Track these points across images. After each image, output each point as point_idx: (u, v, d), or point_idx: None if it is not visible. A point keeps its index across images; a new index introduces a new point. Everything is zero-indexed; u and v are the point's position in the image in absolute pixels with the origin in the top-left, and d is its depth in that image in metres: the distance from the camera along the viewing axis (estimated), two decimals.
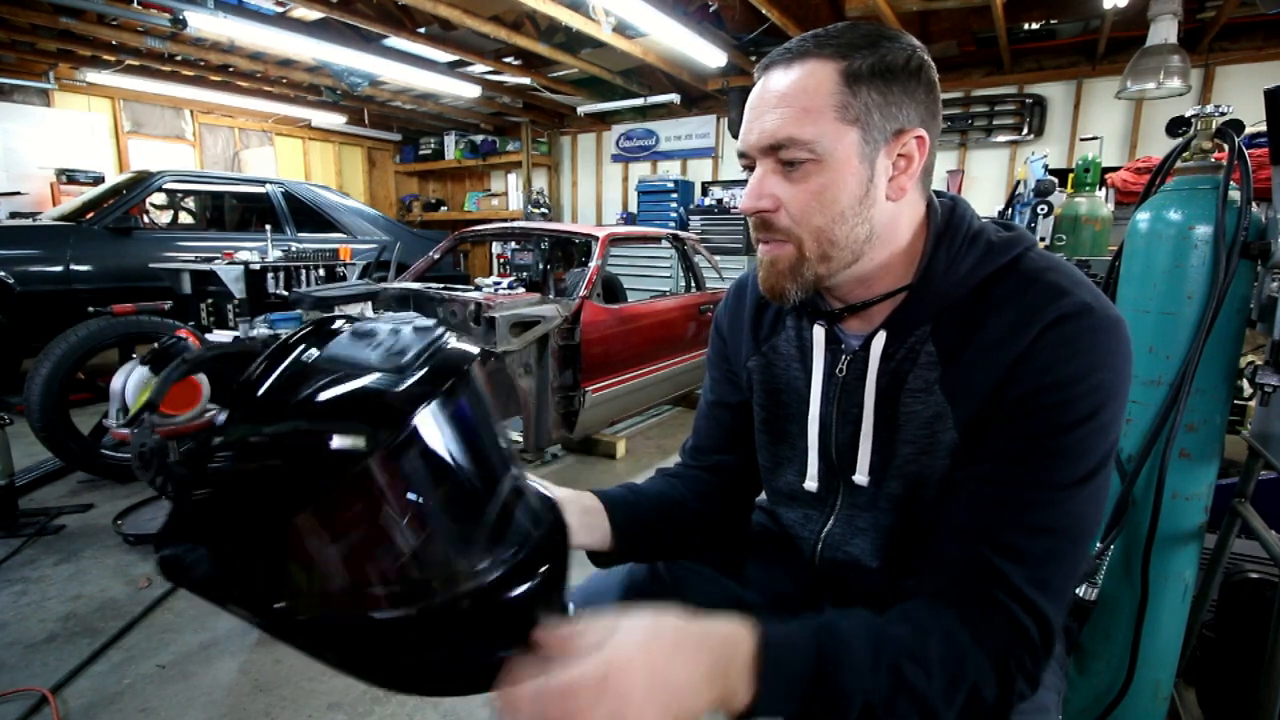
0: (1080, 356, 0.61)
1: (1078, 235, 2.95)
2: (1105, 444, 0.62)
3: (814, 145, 0.64)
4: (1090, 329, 0.61)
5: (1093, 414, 0.60)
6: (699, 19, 4.80)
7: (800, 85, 0.65)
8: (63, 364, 2.65)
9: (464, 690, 0.54)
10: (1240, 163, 1.04)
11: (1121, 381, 0.62)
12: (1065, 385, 0.60)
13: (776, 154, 0.66)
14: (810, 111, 0.64)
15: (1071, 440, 0.60)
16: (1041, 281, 0.65)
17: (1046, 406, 0.61)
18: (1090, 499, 0.62)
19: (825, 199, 0.66)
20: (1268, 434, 1.11)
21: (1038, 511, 0.61)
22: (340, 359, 0.51)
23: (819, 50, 0.65)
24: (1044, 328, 0.62)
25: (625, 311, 3.48)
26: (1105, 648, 1.19)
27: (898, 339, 0.72)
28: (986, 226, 0.72)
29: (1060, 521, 0.61)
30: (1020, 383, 0.62)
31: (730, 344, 0.93)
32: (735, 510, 0.97)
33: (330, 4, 4.44)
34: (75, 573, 2.12)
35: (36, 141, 6.01)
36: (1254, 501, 1.20)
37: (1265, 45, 4.75)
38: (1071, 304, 0.62)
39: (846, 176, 0.65)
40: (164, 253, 4.18)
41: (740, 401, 0.92)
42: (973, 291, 0.68)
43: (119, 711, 1.53)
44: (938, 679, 0.56)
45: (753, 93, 0.69)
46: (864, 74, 0.64)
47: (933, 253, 0.70)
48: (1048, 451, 0.61)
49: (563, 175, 8.78)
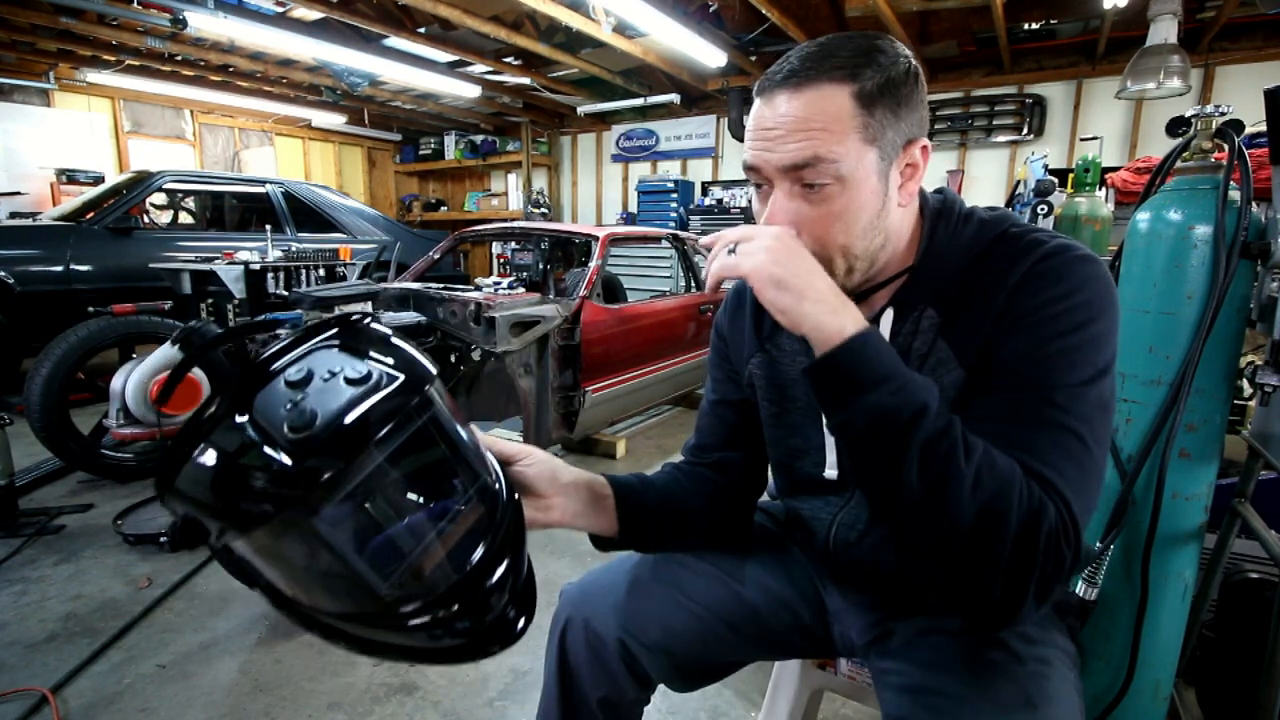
0: (1062, 281, 0.66)
1: (1078, 235, 2.95)
2: (1100, 357, 0.65)
3: (839, 167, 0.66)
4: (1068, 260, 0.67)
5: (1082, 324, 0.65)
6: (699, 19, 4.80)
7: (819, 108, 0.66)
8: (63, 364, 2.65)
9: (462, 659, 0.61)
10: (1240, 163, 1.04)
11: (1105, 303, 0.67)
12: (1052, 303, 0.66)
13: (799, 175, 0.67)
14: (834, 134, 0.65)
15: (1065, 346, 0.65)
16: (1025, 239, 0.71)
17: (1038, 323, 0.66)
18: (1094, 405, 0.64)
19: (848, 219, 0.68)
20: (1268, 434, 1.11)
21: (1044, 409, 0.64)
22: (261, 416, 0.49)
23: (829, 73, 0.66)
24: (1029, 265, 0.68)
25: (625, 311, 3.48)
26: (1105, 648, 1.19)
27: (903, 316, 0.76)
28: (976, 209, 0.78)
29: (1066, 420, 0.63)
30: (1012, 311, 0.68)
31: (731, 345, 0.95)
32: (737, 508, 0.98)
33: (330, 4, 4.44)
34: (75, 573, 2.12)
35: (36, 141, 6.01)
36: (1254, 501, 1.20)
37: (1265, 45, 4.75)
38: (1051, 246, 0.69)
39: (867, 195, 0.68)
40: (164, 253, 4.18)
41: (742, 399, 0.94)
42: (973, 260, 0.73)
43: (119, 711, 1.53)
44: (979, 458, 0.59)
45: (759, 113, 0.69)
46: (875, 93, 0.66)
47: (931, 234, 0.76)
48: (1045, 359, 0.65)
49: (563, 175, 8.78)
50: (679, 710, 1.57)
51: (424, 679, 1.65)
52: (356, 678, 1.66)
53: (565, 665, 0.90)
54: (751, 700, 1.59)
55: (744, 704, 1.59)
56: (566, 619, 0.91)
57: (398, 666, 1.69)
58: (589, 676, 0.88)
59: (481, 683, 1.65)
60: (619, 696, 0.88)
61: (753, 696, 1.60)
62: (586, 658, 0.88)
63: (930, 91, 5.59)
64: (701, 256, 4.47)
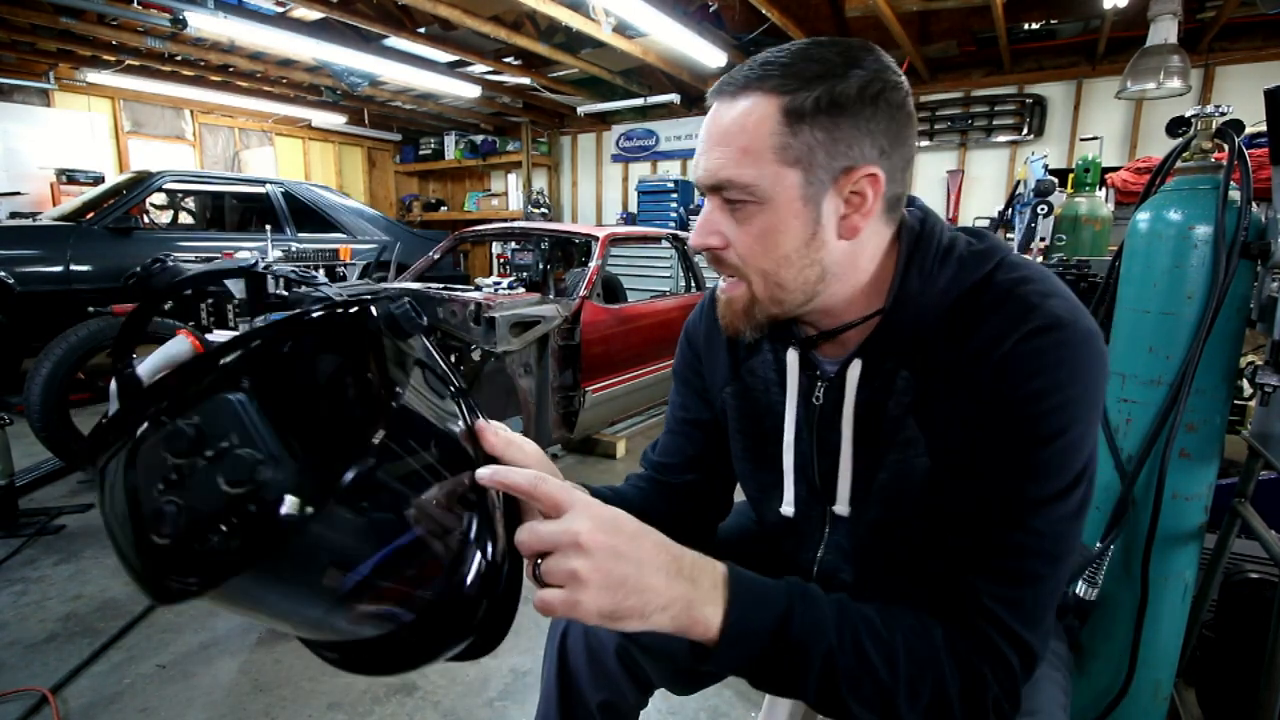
0: (1047, 372, 0.59)
1: (1078, 235, 2.95)
2: (1077, 461, 0.59)
3: (753, 189, 0.61)
4: (1057, 344, 0.59)
5: (1062, 430, 0.58)
6: (699, 19, 4.80)
7: (739, 124, 0.61)
8: (63, 364, 2.65)
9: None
10: (1240, 163, 1.04)
11: (1092, 397, 0.60)
12: (1032, 400, 0.59)
13: (720, 193, 0.64)
14: (749, 152, 0.61)
15: (1042, 457, 0.59)
16: (1014, 296, 0.62)
17: (1015, 422, 0.59)
18: (1065, 519, 0.60)
19: (769, 242, 0.63)
20: (1268, 434, 1.11)
21: (1011, 530, 0.59)
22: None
23: (761, 83, 0.61)
24: (1013, 344, 0.60)
25: (625, 311, 3.48)
26: (1105, 648, 1.19)
27: (874, 365, 0.69)
28: (957, 240, 0.69)
29: (1034, 542, 0.59)
30: (989, 402, 0.61)
31: (705, 360, 0.88)
32: (698, 532, 0.91)
33: (330, 4, 4.44)
34: (75, 573, 2.12)
35: (36, 141, 6.01)
36: (1254, 501, 1.20)
37: (1265, 45, 4.75)
38: (1041, 318, 0.60)
39: (789, 219, 0.62)
40: (164, 253, 4.18)
41: (712, 419, 0.88)
42: (948, 310, 0.65)
43: (119, 711, 1.53)
44: (903, 669, 0.56)
45: (704, 120, 0.66)
46: (807, 111, 0.60)
47: (904, 275, 0.66)
48: (1018, 468, 0.59)
49: (563, 175, 8.78)
50: (679, 710, 1.57)
51: (424, 679, 1.65)
52: (356, 678, 1.65)
53: (565, 670, 0.89)
54: (751, 700, 1.59)
55: (744, 704, 1.59)
56: (566, 624, 0.90)
57: None
58: (589, 681, 0.87)
59: (481, 683, 1.65)
60: (619, 701, 0.88)
61: (753, 696, 1.60)
62: (586, 663, 0.87)
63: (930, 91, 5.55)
64: (702, 256, 4.45)
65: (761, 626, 0.56)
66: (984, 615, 0.58)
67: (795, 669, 0.56)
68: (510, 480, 0.52)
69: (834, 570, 0.80)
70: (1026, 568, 0.59)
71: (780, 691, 0.59)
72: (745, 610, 0.55)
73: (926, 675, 0.56)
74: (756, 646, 0.55)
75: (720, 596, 0.55)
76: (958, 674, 0.57)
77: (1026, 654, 0.59)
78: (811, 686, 0.56)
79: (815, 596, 0.59)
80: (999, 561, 0.59)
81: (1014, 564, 0.59)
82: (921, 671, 0.57)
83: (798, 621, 0.56)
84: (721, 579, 0.57)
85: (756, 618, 0.56)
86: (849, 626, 0.57)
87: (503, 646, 0.56)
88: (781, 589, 0.58)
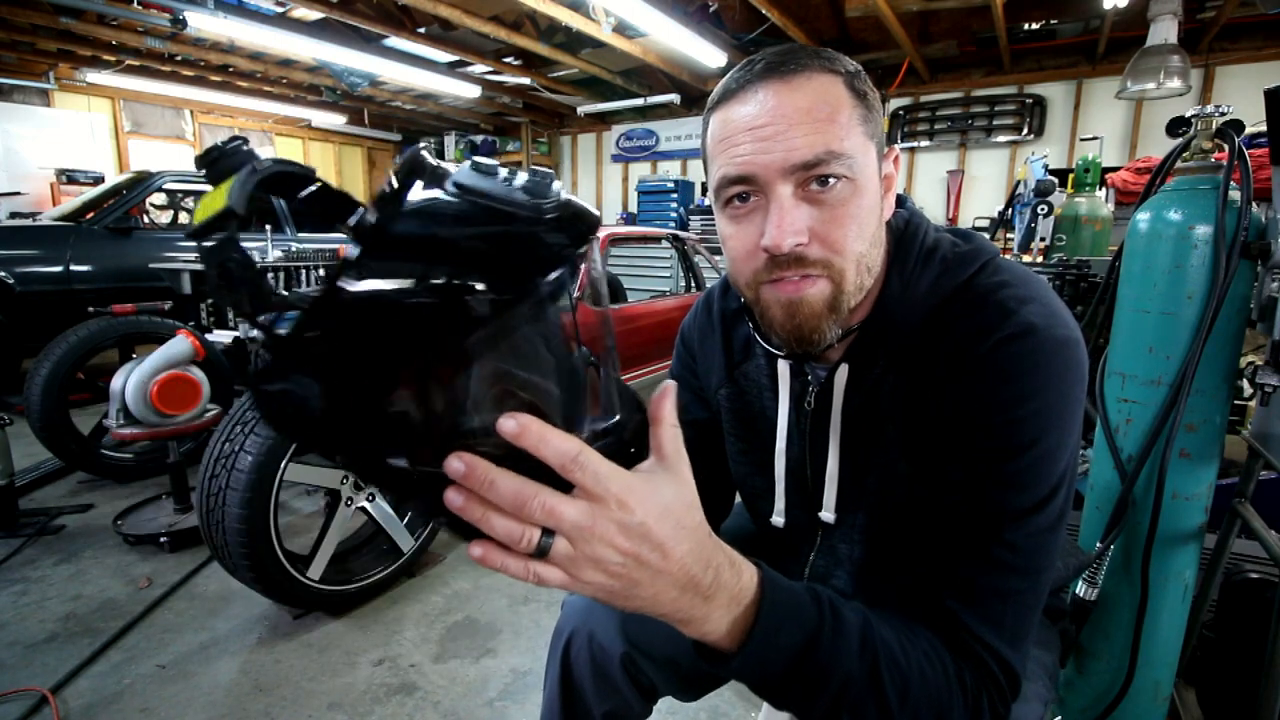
0: (1020, 380, 0.57)
1: (1078, 235, 2.95)
2: (1053, 473, 0.57)
3: (853, 162, 0.58)
4: (1031, 351, 0.57)
5: (1034, 440, 0.56)
6: (699, 19, 4.80)
7: (820, 97, 0.58)
8: (63, 364, 2.65)
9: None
10: (1240, 163, 1.04)
11: (1066, 406, 0.58)
12: (1003, 409, 0.57)
13: (808, 174, 0.58)
14: (842, 125, 0.58)
15: (1016, 468, 0.57)
16: (990, 302, 0.60)
17: (986, 431, 0.57)
18: (1042, 532, 0.57)
19: (862, 221, 0.60)
20: (1268, 434, 1.11)
21: (987, 545, 0.57)
22: (482, 190, 0.40)
23: (811, 62, 0.59)
24: (986, 350, 0.58)
25: (624, 312, 3.48)
26: (1105, 648, 1.19)
27: (861, 370, 0.67)
28: (942, 240, 0.67)
29: (1011, 556, 0.57)
30: (963, 408, 0.59)
31: (701, 362, 0.88)
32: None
33: (330, 4, 4.44)
34: (75, 573, 2.12)
35: (36, 141, 6.02)
36: (1254, 501, 1.20)
37: (1265, 45, 4.76)
38: (1015, 325, 0.58)
39: (875, 196, 0.61)
40: (164, 253, 4.18)
41: (709, 419, 0.87)
42: (931, 313, 0.63)
43: (119, 711, 1.53)
44: (911, 700, 0.54)
45: (739, 114, 0.60)
46: (859, 89, 0.60)
47: (885, 279, 0.65)
48: (991, 479, 0.57)
49: (563, 175, 8.79)
50: (679, 710, 1.57)
51: (424, 679, 1.65)
52: (356, 678, 1.65)
53: (569, 679, 0.88)
54: (752, 701, 1.59)
55: (744, 704, 1.59)
56: (570, 632, 0.88)
57: (397, 667, 1.68)
58: (593, 691, 0.86)
59: (481, 683, 1.65)
60: (623, 710, 0.87)
61: (753, 697, 1.60)
62: (590, 672, 0.86)
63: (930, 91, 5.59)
64: (702, 257, 4.46)
65: (788, 643, 0.52)
66: (966, 633, 0.57)
67: (809, 690, 0.54)
68: (547, 445, 0.40)
69: (825, 576, 0.79)
70: (1004, 584, 0.57)
71: (783, 706, 0.56)
72: (772, 624, 0.51)
73: (934, 707, 0.55)
74: (778, 663, 0.52)
75: (738, 610, 0.50)
76: (966, 711, 0.55)
77: (1011, 675, 0.57)
78: (820, 707, 0.54)
79: (844, 619, 0.54)
80: (979, 578, 0.57)
81: (992, 580, 0.57)
82: (930, 703, 0.55)
83: (825, 644, 0.52)
84: (750, 593, 0.51)
85: (785, 633, 0.52)
86: (869, 652, 0.54)
87: (503, 646, 0.55)
88: (813, 609, 0.54)
